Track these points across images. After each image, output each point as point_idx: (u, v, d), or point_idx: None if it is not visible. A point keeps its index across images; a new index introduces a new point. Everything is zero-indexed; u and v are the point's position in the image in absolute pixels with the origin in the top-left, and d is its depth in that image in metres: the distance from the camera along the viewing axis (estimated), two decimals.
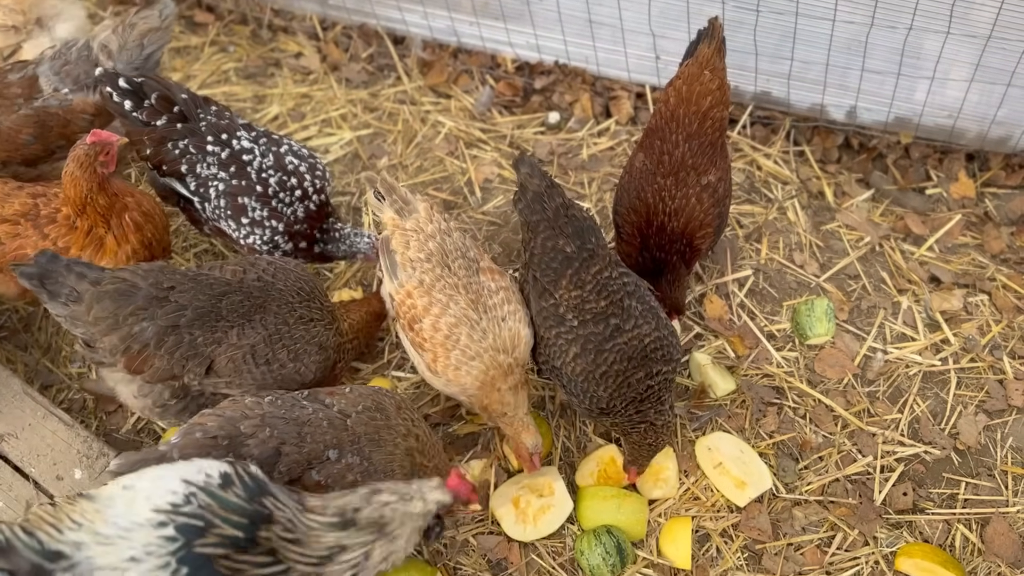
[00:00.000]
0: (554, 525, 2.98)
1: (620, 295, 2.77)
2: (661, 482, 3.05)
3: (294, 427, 2.45)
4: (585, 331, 2.73)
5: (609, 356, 2.71)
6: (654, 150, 3.10)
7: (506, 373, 2.81)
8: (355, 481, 2.47)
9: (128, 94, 3.13)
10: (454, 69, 4.27)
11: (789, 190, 3.83)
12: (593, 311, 2.74)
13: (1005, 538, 2.90)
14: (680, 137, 3.04)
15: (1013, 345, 3.31)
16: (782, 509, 3.00)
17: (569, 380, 2.78)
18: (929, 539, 2.93)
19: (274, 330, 2.77)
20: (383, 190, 2.96)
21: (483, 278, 2.89)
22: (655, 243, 3.11)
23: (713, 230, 3.10)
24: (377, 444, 2.54)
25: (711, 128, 3.03)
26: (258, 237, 3.17)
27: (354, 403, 2.59)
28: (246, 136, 3.20)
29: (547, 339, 2.81)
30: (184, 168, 3.15)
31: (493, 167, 3.92)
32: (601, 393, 2.74)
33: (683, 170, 3.05)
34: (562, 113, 4.13)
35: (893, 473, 3.05)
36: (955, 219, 3.70)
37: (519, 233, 3.69)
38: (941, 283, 3.50)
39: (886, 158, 3.95)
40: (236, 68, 4.42)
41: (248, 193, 3.13)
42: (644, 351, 2.72)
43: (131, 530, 1.98)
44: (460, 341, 2.78)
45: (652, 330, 2.75)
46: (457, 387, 2.86)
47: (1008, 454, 3.08)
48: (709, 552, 2.95)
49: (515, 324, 2.85)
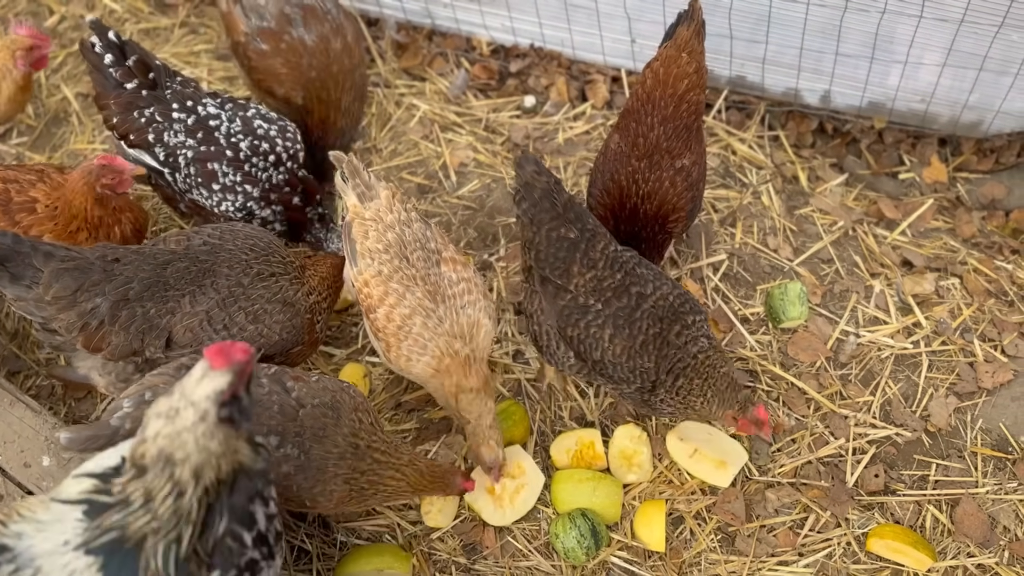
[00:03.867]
0: (530, 503, 2.99)
1: (631, 264, 2.77)
2: (635, 466, 3.06)
3: None
4: (611, 309, 2.71)
5: (642, 323, 2.69)
6: (629, 132, 3.09)
7: (464, 366, 2.78)
8: (288, 473, 2.45)
9: (112, 48, 3.09)
10: (429, 52, 4.23)
11: (763, 175, 3.84)
12: (612, 287, 2.72)
13: (974, 518, 2.93)
14: (655, 119, 3.03)
15: (984, 328, 3.34)
16: (755, 491, 3.02)
17: (613, 366, 2.73)
18: (900, 520, 2.96)
19: (227, 293, 2.73)
20: (348, 172, 2.93)
21: (444, 269, 2.87)
22: (628, 226, 3.09)
23: (686, 214, 3.09)
24: (319, 440, 2.50)
25: (687, 111, 3.02)
26: (231, 203, 3.14)
27: (313, 395, 2.54)
28: (212, 103, 3.17)
29: (578, 336, 2.75)
30: (151, 137, 3.11)
31: (468, 151, 3.89)
32: (647, 364, 2.69)
33: (657, 153, 3.04)
34: (538, 97, 4.10)
35: (865, 455, 3.07)
36: (927, 203, 3.73)
37: (494, 217, 3.69)
38: (913, 267, 3.53)
39: (860, 143, 3.97)
40: (207, 50, 4.35)
41: (218, 158, 3.09)
42: (672, 309, 2.72)
43: (65, 513, 1.94)
44: (412, 331, 2.77)
45: (671, 288, 2.77)
46: (412, 376, 2.87)
47: (978, 436, 3.11)
48: (683, 534, 2.96)
49: (475, 312, 2.83)
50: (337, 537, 2.99)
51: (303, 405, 2.50)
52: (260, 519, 2.03)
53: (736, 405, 2.69)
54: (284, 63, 3.41)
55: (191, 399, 1.77)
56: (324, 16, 3.47)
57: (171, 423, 1.78)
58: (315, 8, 3.46)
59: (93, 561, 1.88)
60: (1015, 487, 3.00)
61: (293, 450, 2.46)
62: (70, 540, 1.91)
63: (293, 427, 2.46)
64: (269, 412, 2.45)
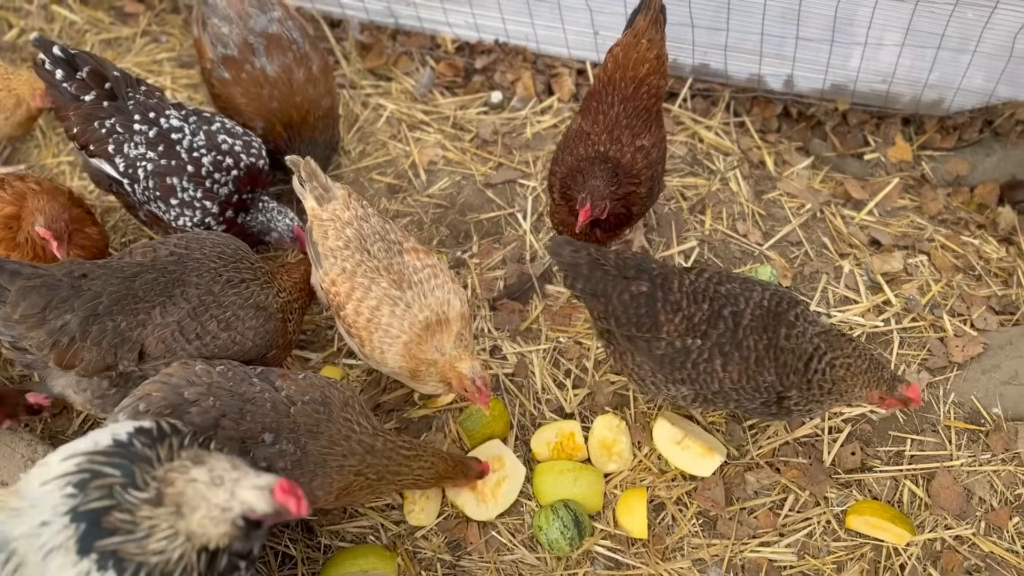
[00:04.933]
0: (513, 495, 3.00)
1: (712, 286, 2.66)
2: (615, 455, 3.07)
3: (237, 402, 2.44)
4: (712, 340, 2.60)
5: (748, 341, 2.58)
6: (590, 112, 3.12)
7: (428, 328, 2.76)
8: (285, 468, 2.46)
9: (60, 63, 3.07)
10: (393, 51, 4.23)
11: (731, 161, 3.86)
12: (704, 319, 2.61)
13: (950, 491, 2.98)
14: (616, 99, 3.06)
15: (952, 303, 3.39)
16: (734, 474, 3.04)
17: (738, 391, 2.63)
18: (878, 496, 3.00)
19: (198, 302, 2.72)
20: (305, 175, 2.92)
21: (407, 258, 2.87)
22: (605, 163, 3.04)
23: (646, 192, 3.11)
24: (314, 436, 2.52)
25: (646, 94, 3.05)
26: (189, 219, 3.12)
27: (303, 391, 2.57)
28: (175, 115, 3.15)
29: (690, 377, 2.64)
30: (111, 148, 3.09)
31: (437, 149, 3.89)
32: (769, 377, 2.57)
33: (617, 129, 3.06)
34: (504, 92, 4.11)
35: (841, 434, 3.10)
36: (893, 183, 3.77)
37: (465, 214, 3.70)
38: (881, 246, 3.57)
39: (824, 125, 4.01)
40: (170, 58, 4.32)
41: (178, 173, 3.07)
42: (772, 313, 2.60)
43: (41, 498, 1.95)
44: (382, 322, 2.77)
45: (763, 292, 2.65)
46: (386, 368, 2.86)
47: (951, 409, 3.16)
48: (665, 520, 2.99)
49: (444, 294, 2.82)
50: (321, 540, 2.99)
51: (294, 402, 2.52)
52: (255, 549, 2.13)
53: (883, 384, 2.47)
54: (243, 93, 3.40)
55: (234, 489, 1.90)
56: (289, 46, 3.44)
57: (207, 488, 1.91)
58: (280, 37, 3.44)
59: (73, 532, 1.91)
60: (989, 458, 3.04)
61: (288, 446, 2.48)
62: (49, 520, 1.93)
63: (287, 423, 2.49)
64: (263, 410, 2.47)
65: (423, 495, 3.00)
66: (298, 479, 2.50)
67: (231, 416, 2.42)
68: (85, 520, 1.91)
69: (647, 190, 3.10)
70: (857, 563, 2.87)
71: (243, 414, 2.44)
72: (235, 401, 2.45)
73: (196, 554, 1.95)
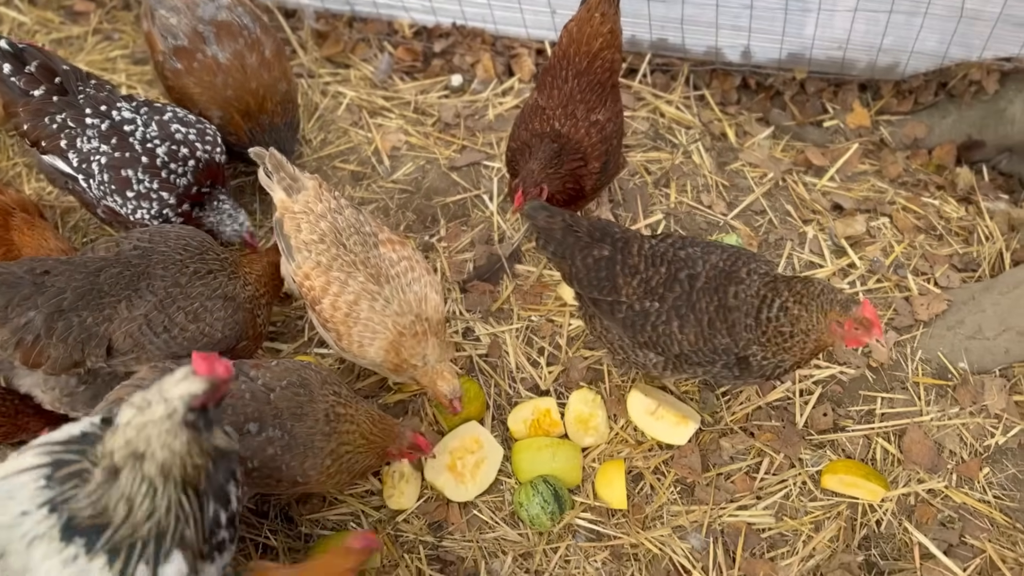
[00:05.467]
0: (491, 475, 3.01)
1: (672, 251, 2.67)
2: (591, 429, 3.09)
3: None
4: (669, 303, 2.61)
5: (700, 302, 2.58)
6: (546, 86, 3.13)
7: (411, 331, 2.78)
8: (275, 454, 2.48)
9: (8, 57, 3.02)
10: (350, 38, 4.20)
11: (693, 134, 3.89)
12: (661, 282, 2.63)
13: (921, 446, 3.03)
14: (570, 73, 3.07)
15: (916, 263, 3.44)
16: (710, 441, 3.07)
17: (698, 354, 2.63)
18: (851, 455, 3.05)
19: (164, 294, 2.69)
20: (271, 167, 2.89)
21: (383, 250, 2.85)
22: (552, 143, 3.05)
23: (600, 166, 3.12)
24: (299, 418, 2.53)
25: (601, 68, 3.06)
26: (146, 211, 3.09)
27: (279, 377, 2.57)
28: (127, 107, 3.11)
29: (651, 340, 2.66)
30: (64, 143, 3.04)
31: (399, 134, 3.88)
32: (724, 340, 2.57)
33: (572, 103, 3.07)
34: (464, 75, 4.10)
35: (812, 396, 3.15)
36: (853, 148, 3.82)
37: (431, 198, 3.69)
38: (844, 210, 3.62)
39: (783, 95, 4.05)
40: (123, 55, 4.27)
41: (132, 165, 3.03)
42: (724, 273, 2.59)
43: (16, 489, 1.93)
44: (361, 316, 2.76)
45: (721, 254, 2.64)
46: (366, 361, 2.85)
47: (919, 366, 3.21)
48: (643, 490, 3.01)
49: (421, 288, 2.82)
50: (301, 530, 2.98)
51: (272, 389, 2.52)
52: (233, 499, 2.09)
53: (837, 306, 2.38)
54: (196, 82, 3.35)
55: (165, 395, 1.84)
56: (240, 32, 3.40)
57: (141, 414, 1.85)
58: (230, 24, 3.39)
59: (55, 521, 1.89)
60: (957, 412, 3.10)
61: (275, 432, 2.48)
62: (28, 510, 1.91)
63: (269, 410, 2.49)
64: (242, 401, 2.46)
65: (402, 478, 3.00)
66: (289, 463, 2.52)
67: None
68: (65, 510, 1.89)
69: (600, 165, 3.11)
70: (834, 521, 2.91)
71: (222, 409, 2.42)
72: None
73: (182, 495, 1.91)
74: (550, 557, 2.90)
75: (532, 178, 2.92)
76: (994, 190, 3.78)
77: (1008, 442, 3.05)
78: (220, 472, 2.02)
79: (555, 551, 2.91)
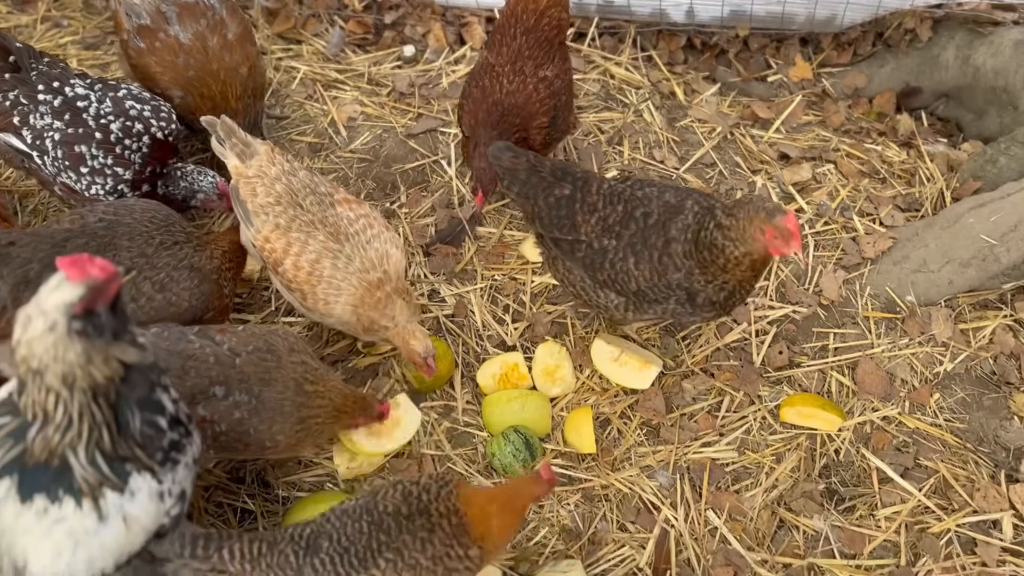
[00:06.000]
0: (406, 436, 3.02)
1: (630, 191, 2.73)
2: (559, 380, 3.17)
3: (177, 359, 2.44)
4: (624, 240, 2.68)
5: (652, 237, 2.64)
6: (495, 44, 3.21)
7: (378, 287, 2.83)
8: (242, 419, 2.50)
9: None
10: (300, 14, 4.23)
11: (642, 94, 3.98)
12: (618, 220, 2.69)
13: (874, 376, 3.16)
14: (518, 30, 3.15)
15: (860, 205, 3.58)
16: (672, 384, 3.18)
17: (652, 289, 2.68)
18: (808, 389, 3.17)
19: (131, 264, 2.72)
20: (223, 133, 2.92)
21: (340, 209, 2.89)
22: (492, 130, 3.13)
23: (548, 122, 3.19)
24: (267, 383, 2.54)
25: (548, 26, 3.14)
26: (100, 187, 3.10)
27: (245, 342, 2.59)
28: (80, 83, 3.12)
29: (610, 278, 2.72)
30: (17, 120, 3.05)
31: (355, 105, 3.92)
32: (676, 275, 2.62)
33: (520, 60, 3.16)
34: (416, 45, 4.15)
35: (767, 335, 3.26)
36: (796, 100, 3.95)
37: (390, 166, 3.74)
38: (790, 159, 3.74)
39: (728, 53, 4.16)
40: (73, 41, 4.25)
41: (86, 141, 3.05)
42: (672, 209, 2.66)
43: None
44: (324, 274, 2.79)
45: (675, 193, 2.70)
46: (333, 319, 2.89)
47: (868, 302, 3.34)
48: (611, 434, 3.10)
49: (381, 245, 2.87)
50: (279, 493, 3.02)
51: (238, 353, 2.54)
52: (167, 404, 2.06)
53: (763, 212, 2.40)
54: (158, 62, 3.36)
55: (43, 308, 1.72)
56: (203, 12, 3.38)
57: (25, 331, 1.75)
58: (195, 4, 3.37)
59: (9, 483, 1.90)
60: (907, 343, 3.24)
61: (242, 396, 2.50)
62: None
63: (235, 375, 2.50)
64: (206, 364, 2.48)
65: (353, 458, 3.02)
66: (257, 426, 2.54)
67: (174, 373, 2.42)
68: (14, 471, 1.91)
69: (549, 120, 3.20)
70: (794, 452, 3.03)
71: (186, 371, 2.45)
72: (175, 359, 2.45)
73: (92, 403, 1.84)
74: None
75: (486, 175, 3.02)
76: (933, 135, 3.93)
77: (956, 368, 3.20)
78: (139, 383, 1.94)
79: None
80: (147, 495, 1.99)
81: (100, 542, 1.95)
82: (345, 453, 3.02)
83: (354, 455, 3.02)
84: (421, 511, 2.23)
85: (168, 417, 2.05)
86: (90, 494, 1.91)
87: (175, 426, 2.07)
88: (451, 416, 3.14)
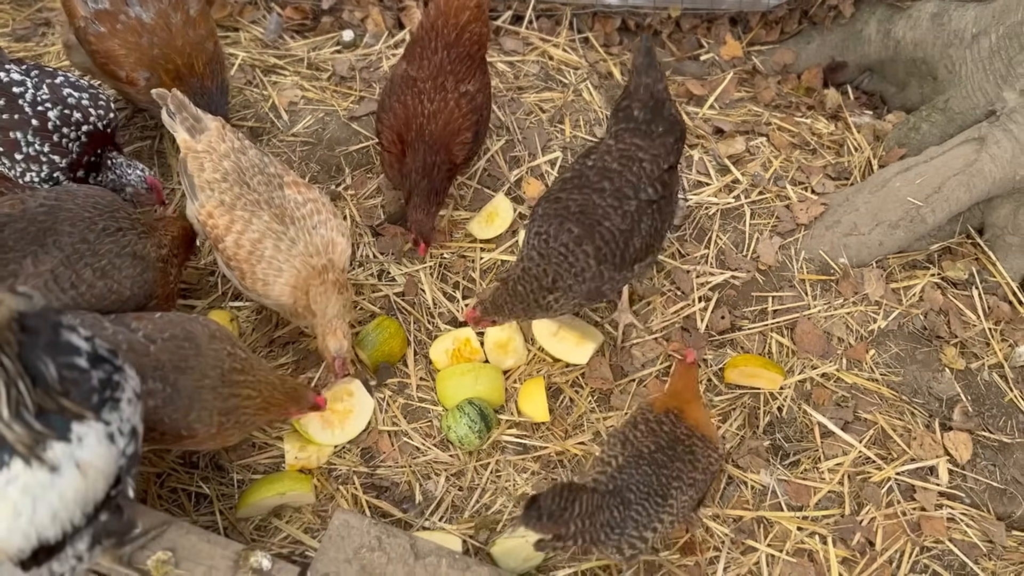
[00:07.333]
0: (360, 426, 3.06)
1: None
2: (511, 352, 3.23)
3: None
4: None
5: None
6: (415, 57, 3.22)
7: (320, 274, 2.81)
8: (156, 407, 2.45)
9: None
10: (237, 1, 4.20)
11: (581, 74, 4.07)
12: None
13: (811, 335, 3.29)
14: (439, 45, 3.17)
15: (792, 174, 3.71)
16: (622, 352, 3.26)
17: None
18: (750, 351, 3.28)
19: (72, 250, 2.66)
20: (173, 107, 2.90)
21: (288, 192, 2.89)
22: (414, 152, 3.16)
23: (471, 137, 3.23)
24: (183, 371, 2.49)
25: (469, 41, 3.18)
26: (35, 174, 3.05)
27: (161, 329, 2.54)
28: (16, 69, 3.07)
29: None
30: None
31: (295, 90, 3.92)
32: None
33: (442, 75, 3.17)
34: (355, 30, 4.16)
35: (710, 302, 3.37)
36: (728, 78, 4.08)
37: (334, 149, 3.75)
38: (725, 133, 3.86)
39: (661, 34, 4.28)
40: (3, 34, 4.15)
41: (22, 127, 3.00)
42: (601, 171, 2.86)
43: None
44: (265, 255, 2.79)
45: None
46: (270, 300, 2.88)
47: (803, 265, 3.47)
48: (563, 403, 3.17)
49: (328, 232, 2.87)
50: (233, 476, 3.01)
51: (153, 340, 2.49)
52: (80, 343, 2.00)
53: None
54: (122, 44, 3.29)
55: None
56: None
57: None
58: None
59: None
60: (842, 303, 3.38)
61: (156, 384, 2.44)
62: None
63: (149, 362, 2.45)
64: (119, 351, 2.42)
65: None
66: (171, 415, 2.48)
67: None
68: None
69: (472, 135, 3.24)
70: (740, 411, 3.14)
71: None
72: None
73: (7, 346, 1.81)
74: (481, 473, 3.03)
75: (426, 226, 3.19)
76: (859, 107, 4.10)
77: (889, 325, 3.35)
78: (41, 328, 1.89)
79: (486, 467, 3.03)
80: (96, 439, 1.94)
81: (59, 494, 1.90)
82: (296, 441, 3.02)
83: (304, 445, 3.02)
84: (674, 440, 2.60)
85: (86, 356, 1.98)
86: (30, 452, 1.86)
87: (99, 363, 2.00)
88: (405, 392, 3.17)
